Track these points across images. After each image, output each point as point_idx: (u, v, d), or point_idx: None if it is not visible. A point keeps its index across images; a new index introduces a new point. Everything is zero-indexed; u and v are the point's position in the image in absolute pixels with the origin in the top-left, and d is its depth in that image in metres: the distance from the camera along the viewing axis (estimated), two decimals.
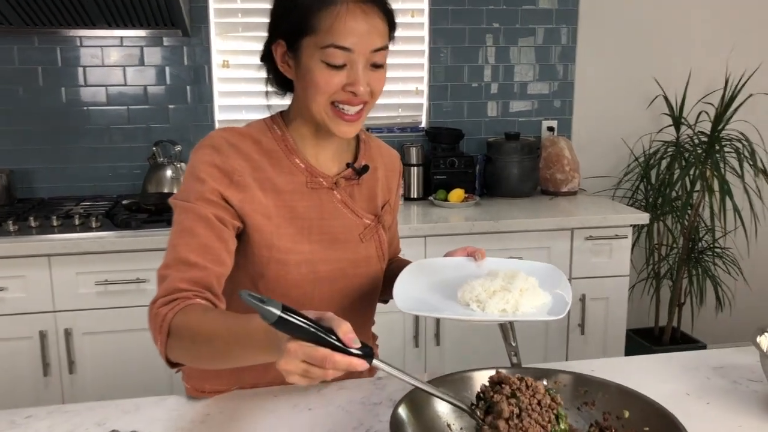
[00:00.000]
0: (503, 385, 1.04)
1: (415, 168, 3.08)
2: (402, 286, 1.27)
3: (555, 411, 1.01)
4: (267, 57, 1.29)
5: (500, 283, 1.24)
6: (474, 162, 3.14)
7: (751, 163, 3.04)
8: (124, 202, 2.70)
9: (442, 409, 1.14)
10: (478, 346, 2.79)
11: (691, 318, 3.32)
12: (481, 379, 1.18)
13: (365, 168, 1.36)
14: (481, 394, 1.06)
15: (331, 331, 0.88)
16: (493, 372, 1.19)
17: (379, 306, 1.52)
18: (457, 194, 2.98)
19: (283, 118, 1.31)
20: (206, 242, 1.17)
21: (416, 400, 1.11)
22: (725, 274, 3.28)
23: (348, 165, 1.34)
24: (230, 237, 1.21)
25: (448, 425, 1.13)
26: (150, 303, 1.14)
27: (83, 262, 2.43)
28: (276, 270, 1.26)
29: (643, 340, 3.28)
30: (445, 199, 2.98)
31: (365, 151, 1.39)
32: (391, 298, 1.49)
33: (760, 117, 3.34)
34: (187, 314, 1.08)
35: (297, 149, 1.29)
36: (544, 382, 1.12)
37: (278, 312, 0.83)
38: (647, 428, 1.07)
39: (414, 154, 3.08)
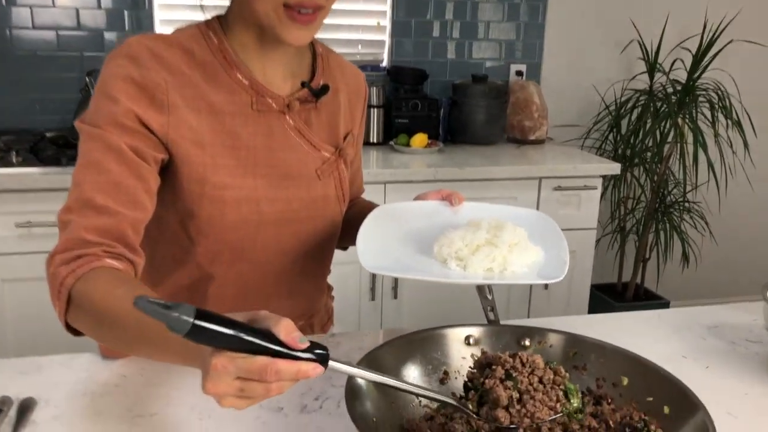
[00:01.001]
0: (494, 367, 0.85)
1: (376, 110, 2.86)
2: (366, 237, 1.06)
3: (562, 386, 0.83)
4: None
5: (484, 236, 1.05)
6: (438, 105, 2.94)
7: (725, 114, 2.90)
8: (49, 134, 2.42)
9: (410, 372, 0.96)
10: (440, 300, 2.63)
11: (657, 274, 3.22)
12: (456, 338, 1.00)
13: (324, 89, 1.13)
14: (469, 383, 0.87)
15: (269, 335, 0.66)
16: (468, 329, 1.01)
17: (335, 254, 1.31)
18: (419, 139, 2.78)
19: (220, 23, 1.08)
20: (118, 180, 0.94)
21: (378, 361, 0.92)
22: (692, 229, 3.18)
23: (303, 84, 1.11)
24: (150, 174, 0.98)
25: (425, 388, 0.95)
26: (49, 255, 0.92)
27: (1, 201, 2.16)
28: (210, 209, 1.04)
29: (605, 296, 3.17)
30: (407, 145, 2.78)
31: (324, 69, 1.16)
32: (351, 245, 1.28)
33: (737, 66, 3.20)
34: (91, 283, 0.86)
35: (239, 62, 1.06)
36: (538, 355, 0.94)
37: (190, 320, 0.60)
38: (651, 398, 0.90)
39: (374, 95, 2.86)
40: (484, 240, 1.04)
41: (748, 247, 3.57)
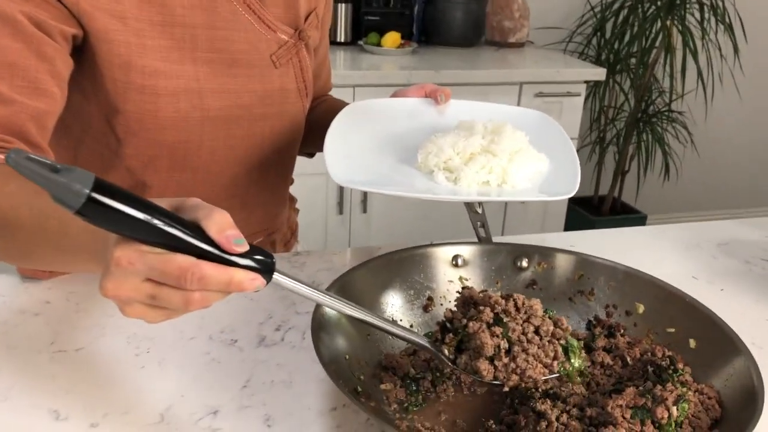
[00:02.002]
0: (481, 308, 0.67)
1: (343, 5, 2.61)
2: (335, 141, 0.87)
3: (562, 341, 0.67)
4: None
5: (480, 141, 0.87)
6: (412, 2, 2.70)
7: (717, 17, 2.72)
8: None
9: (389, 300, 0.81)
10: (416, 215, 2.48)
11: (637, 187, 3.11)
12: (442, 258, 0.85)
13: None
14: (447, 323, 0.70)
15: (196, 229, 0.49)
16: (456, 247, 0.86)
17: (299, 162, 1.13)
18: (391, 39, 2.56)
19: None
20: (13, 60, 0.73)
21: (351, 285, 0.77)
22: (675, 141, 3.05)
23: None
24: (58, 53, 0.77)
25: (394, 321, 0.80)
26: None
27: None
28: (139, 103, 0.85)
29: (581, 210, 3.06)
30: (378, 44, 2.56)
31: None
32: (317, 151, 1.10)
33: None
34: None
35: None
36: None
37: (85, 190, 0.44)
38: (672, 329, 0.77)
39: None
40: (479, 147, 0.87)
41: (731, 159, 3.47)
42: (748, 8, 3.03)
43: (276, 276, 0.53)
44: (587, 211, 3.07)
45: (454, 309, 0.71)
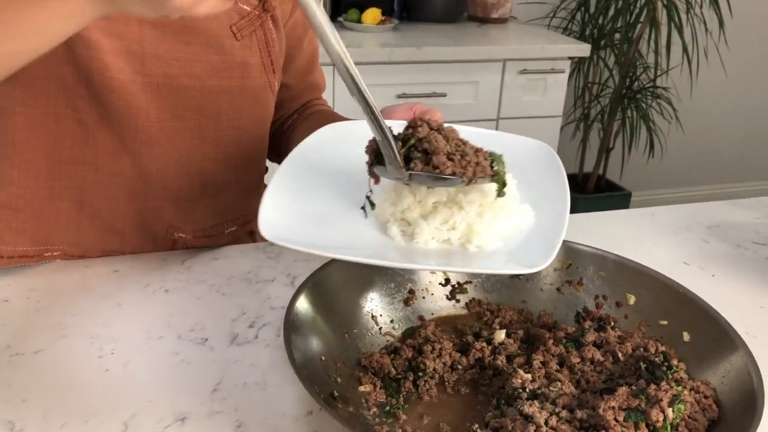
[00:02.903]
0: (419, 124, 0.66)
1: None
2: (282, 181, 0.70)
3: (488, 153, 0.66)
4: None
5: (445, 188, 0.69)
6: None
7: None
8: None
9: (368, 294, 0.77)
10: None
11: (621, 164, 3.08)
12: None
13: None
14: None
15: None
16: None
17: None
18: (372, 15, 2.49)
19: None
20: None
21: (328, 278, 0.73)
22: (660, 117, 3.02)
23: None
24: None
25: (373, 316, 0.76)
26: None
27: None
28: (86, 59, 0.79)
29: None
30: (358, 21, 2.49)
31: None
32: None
33: None
34: None
35: None
36: None
37: None
38: (665, 322, 0.73)
39: None
40: (445, 195, 0.68)
41: (717, 135, 3.44)
42: None
43: None
44: (571, 188, 2.99)
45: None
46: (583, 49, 2.51)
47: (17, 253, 0.87)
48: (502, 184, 0.66)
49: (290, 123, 1.07)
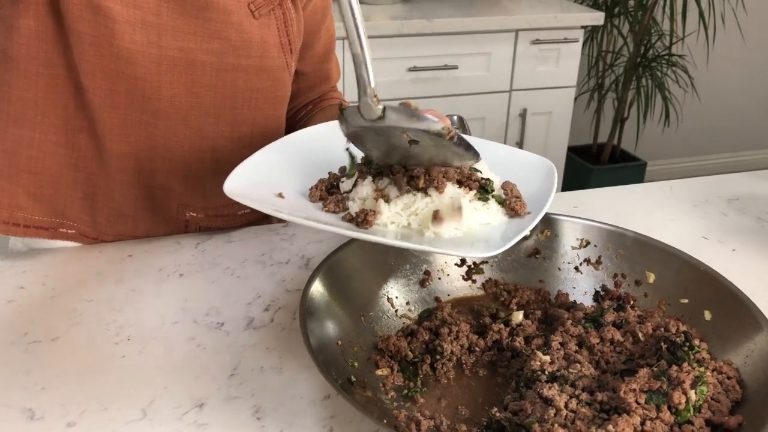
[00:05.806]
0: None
1: None
2: (261, 155, 0.74)
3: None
4: None
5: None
6: None
7: None
8: None
9: (383, 276, 0.76)
10: None
11: (636, 134, 3.04)
12: None
13: None
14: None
15: None
16: None
17: None
18: None
19: None
20: None
21: (343, 260, 0.72)
22: (675, 86, 2.97)
23: None
24: None
25: (389, 299, 0.75)
26: None
27: None
28: (93, 25, 0.78)
29: (580, 159, 3.00)
30: None
31: None
32: None
33: None
34: None
35: None
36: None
37: None
38: (686, 300, 0.72)
39: None
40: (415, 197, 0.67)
41: (733, 103, 3.38)
42: None
43: None
44: (586, 160, 3.01)
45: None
46: (597, 18, 2.46)
47: (33, 223, 0.87)
48: (486, 189, 0.67)
49: (304, 114, 1.06)
